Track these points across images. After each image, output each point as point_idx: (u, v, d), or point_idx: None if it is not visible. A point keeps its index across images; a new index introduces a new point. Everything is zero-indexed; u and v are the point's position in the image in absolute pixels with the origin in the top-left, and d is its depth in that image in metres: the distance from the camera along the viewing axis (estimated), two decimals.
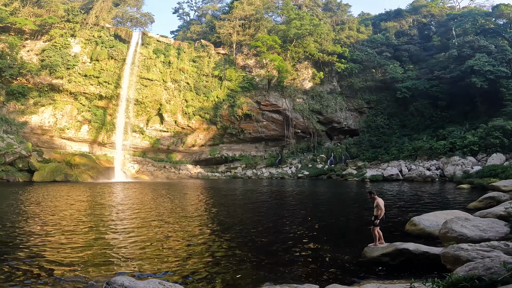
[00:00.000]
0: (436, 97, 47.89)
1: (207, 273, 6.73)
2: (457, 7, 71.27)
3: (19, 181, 33.98)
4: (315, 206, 17.50)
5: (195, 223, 12.04)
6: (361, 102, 56.75)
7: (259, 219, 12.98)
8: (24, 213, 13.62)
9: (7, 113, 41.24)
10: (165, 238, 9.69)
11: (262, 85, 53.06)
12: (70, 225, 11.40)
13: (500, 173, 25.11)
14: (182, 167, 49.43)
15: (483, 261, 4.68)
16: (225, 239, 9.54)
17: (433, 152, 39.02)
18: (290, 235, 9.94)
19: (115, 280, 4.33)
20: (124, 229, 10.85)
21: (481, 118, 41.90)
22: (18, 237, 9.48)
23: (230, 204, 18.23)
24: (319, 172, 45.20)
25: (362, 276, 6.55)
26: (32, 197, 19.56)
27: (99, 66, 46.15)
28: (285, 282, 6.08)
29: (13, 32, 43.65)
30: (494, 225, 8.63)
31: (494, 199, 14.07)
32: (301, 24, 54.17)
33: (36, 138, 42.73)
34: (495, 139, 33.93)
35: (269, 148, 55.25)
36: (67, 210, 14.92)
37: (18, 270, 6.68)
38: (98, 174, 39.21)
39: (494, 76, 41.05)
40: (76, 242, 9.03)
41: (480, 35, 48.49)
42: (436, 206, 14.99)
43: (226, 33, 55.42)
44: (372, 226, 8.04)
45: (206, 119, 50.57)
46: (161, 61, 50.06)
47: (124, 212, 14.65)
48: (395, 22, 66.39)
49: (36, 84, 42.79)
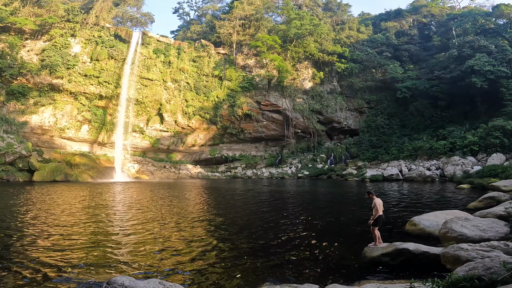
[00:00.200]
0: (436, 97, 47.90)
1: (207, 273, 6.74)
2: (457, 7, 71.28)
3: (19, 181, 33.99)
4: (315, 206, 17.50)
5: (195, 223, 12.05)
6: (361, 102, 56.76)
7: (259, 219, 12.98)
8: (24, 213, 13.63)
9: (7, 113, 41.27)
10: (165, 238, 9.70)
11: (262, 85, 53.07)
12: (70, 225, 11.40)
13: (500, 173, 25.12)
14: (182, 167, 49.47)
15: (483, 261, 4.68)
16: (225, 239, 9.55)
17: (433, 152, 39.02)
18: (290, 235, 9.94)
19: (115, 280, 4.33)
20: (124, 229, 10.86)
21: (481, 118, 41.91)
22: (18, 237, 9.48)
23: (230, 204, 18.23)
24: (319, 172, 45.21)
25: (362, 276, 6.55)
26: (32, 197, 19.57)
27: (99, 66, 46.17)
28: (285, 282, 6.08)
29: (13, 32, 43.67)
30: (494, 225, 8.63)
31: (494, 199, 14.05)
32: (301, 24, 54.18)
33: (36, 138, 42.76)
34: (495, 139, 33.93)
35: (269, 148, 55.27)
36: (67, 210, 14.93)
37: (17, 270, 6.69)
38: (98, 174, 39.23)
39: (494, 76, 41.05)
40: (76, 242, 9.04)
41: (480, 35, 48.50)
42: (436, 206, 14.99)
43: (226, 33, 55.44)
44: (371, 226, 8.05)
45: (206, 119, 50.59)
46: (161, 61, 50.07)
47: (124, 212, 14.66)
48: (395, 22, 66.42)
49: (36, 84, 42.81)
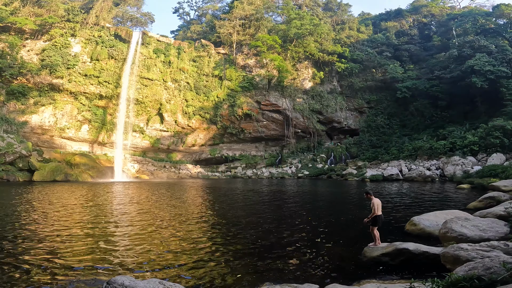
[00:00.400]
0: (436, 97, 47.89)
1: (207, 273, 6.74)
2: (458, 7, 71.26)
3: (19, 180, 33.99)
4: (315, 206, 17.50)
5: (196, 223, 12.05)
6: (361, 102, 56.73)
7: (259, 219, 12.99)
8: (24, 213, 13.63)
9: (7, 112, 41.27)
10: (165, 238, 9.71)
11: (262, 85, 53.06)
12: (69, 225, 11.41)
13: (500, 173, 25.12)
14: (182, 167, 49.47)
15: (482, 261, 4.68)
16: (225, 239, 9.56)
17: (433, 152, 39.02)
18: (290, 235, 9.95)
19: (115, 279, 4.34)
20: (124, 229, 10.86)
21: (481, 118, 41.90)
22: (18, 238, 9.49)
23: (230, 204, 18.23)
24: (319, 172, 45.19)
25: (362, 275, 6.56)
26: (32, 197, 19.57)
27: (99, 65, 46.16)
28: (285, 281, 6.08)
29: (13, 32, 43.67)
30: (494, 225, 8.63)
31: (494, 199, 14.06)
32: (301, 24, 54.16)
33: (36, 137, 42.76)
34: (495, 139, 33.93)
35: (269, 147, 55.27)
36: (66, 209, 14.93)
37: (17, 270, 6.69)
38: (98, 174, 39.23)
39: (494, 76, 41.04)
40: (76, 242, 9.05)
41: (480, 35, 48.49)
42: (436, 206, 14.99)
43: (226, 32, 55.43)
44: (370, 226, 8.06)
45: (206, 118, 50.58)
46: (161, 61, 50.06)
47: (124, 212, 14.66)
48: (395, 22, 66.41)
49: (36, 83, 42.80)
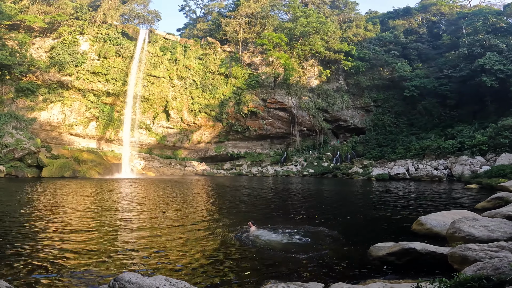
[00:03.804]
0: (445, 96, 47.32)
1: (212, 270, 6.77)
2: (468, 5, 70.18)
3: (28, 176, 34.48)
4: (320, 205, 17.46)
5: (201, 221, 12.11)
6: (368, 100, 56.30)
7: (264, 216, 13.00)
8: (32, 209, 13.83)
9: (17, 109, 41.89)
10: (171, 235, 9.77)
11: (268, 83, 52.99)
12: (77, 221, 11.55)
13: (509, 173, 24.72)
14: (188, 164, 49.72)
15: (491, 261, 4.62)
16: (230, 237, 9.58)
17: (441, 152, 38.59)
18: (296, 233, 9.92)
19: (122, 276, 4.36)
20: (131, 226, 10.96)
21: (490, 117, 41.30)
22: (25, 233, 9.63)
23: (235, 201, 18.28)
24: (325, 170, 45.03)
25: (368, 275, 6.52)
26: (41, 193, 19.86)
27: (106, 63, 46.56)
28: (290, 280, 6.08)
29: (23, 30, 44.25)
30: (502, 225, 8.51)
31: (502, 199, 13.86)
32: (307, 21, 53.88)
33: (45, 134, 43.35)
34: (504, 138, 33.45)
35: (274, 145, 55.23)
36: (74, 206, 15.12)
37: (23, 265, 6.79)
38: (105, 170, 39.64)
39: (505, 75, 40.42)
40: (83, 238, 9.15)
41: (491, 34, 47.69)
42: (443, 205, 14.84)
43: (232, 30, 55.41)
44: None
45: (212, 116, 50.72)
46: (167, 59, 50.29)
47: (130, 209, 14.79)
48: (403, 20, 65.63)
49: (45, 81, 43.36)
